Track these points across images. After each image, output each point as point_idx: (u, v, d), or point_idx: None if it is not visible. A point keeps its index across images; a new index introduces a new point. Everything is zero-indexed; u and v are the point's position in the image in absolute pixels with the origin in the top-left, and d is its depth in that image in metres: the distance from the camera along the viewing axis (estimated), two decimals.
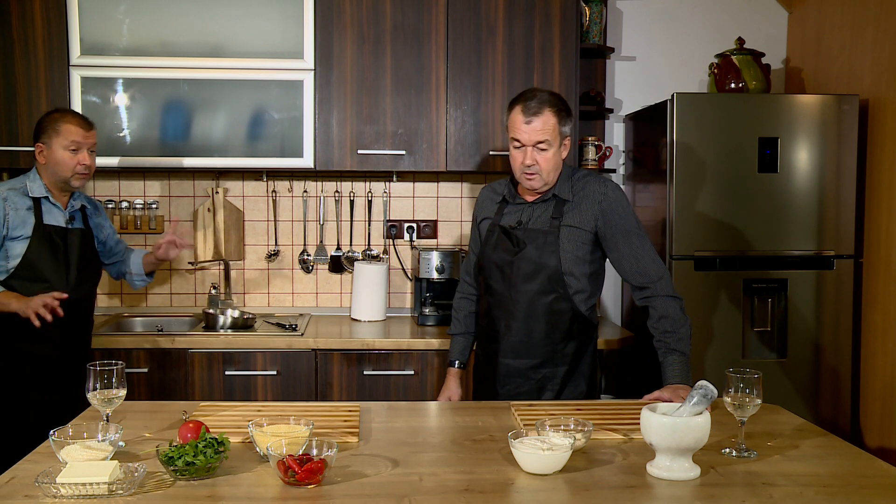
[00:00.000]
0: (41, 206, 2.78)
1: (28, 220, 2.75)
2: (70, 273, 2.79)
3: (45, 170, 2.78)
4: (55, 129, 2.74)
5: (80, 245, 2.84)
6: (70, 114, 2.81)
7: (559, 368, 2.46)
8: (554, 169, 2.40)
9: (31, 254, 2.73)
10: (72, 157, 2.75)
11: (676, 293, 2.38)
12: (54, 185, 2.79)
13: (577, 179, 2.46)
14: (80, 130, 2.76)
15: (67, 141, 2.74)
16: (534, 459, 1.68)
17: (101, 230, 3.02)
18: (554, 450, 1.69)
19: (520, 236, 2.44)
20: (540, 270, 2.41)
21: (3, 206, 2.73)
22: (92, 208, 2.99)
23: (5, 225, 2.72)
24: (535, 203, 2.46)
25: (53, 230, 2.78)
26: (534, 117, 2.35)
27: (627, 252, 2.40)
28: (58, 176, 2.76)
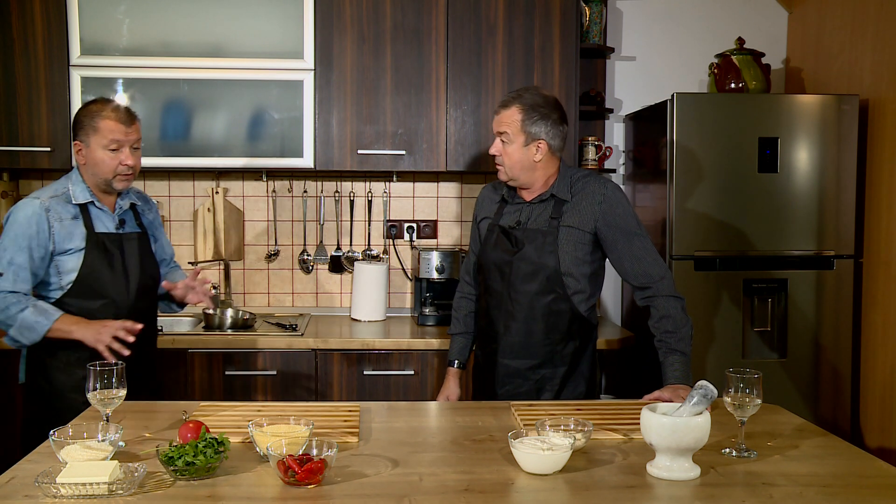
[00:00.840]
0: (89, 213, 2.48)
1: (76, 230, 2.45)
2: (130, 285, 2.50)
3: (85, 171, 2.50)
4: (93, 126, 2.43)
5: (138, 250, 2.55)
6: (109, 107, 2.47)
7: (558, 369, 2.46)
8: (519, 166, 2.40)
9: (87, 268, 2.44)
10: (112, 156, 2.44)
11: (678, 293, 2.38)
12: (97, 187, 2.50)
13: (577, 180, 2.46)
14: (120, 127, 2.44)
15: (107, 139, 2.43)
16: (534, 459, 1.68)
17: (153, 228, 2.71)
18: (554, 450, 1.69)
19: (519, 236, 2.44)
20: (539, 271, 2.41)
21: (47, 219, 2.42)
22: (143, 203, 2.69)
23: (51, 239, 2.42)
24: (534, 203, 2.46)
25: (107, 238, 2.48)
26: (501, 108, 2.43)
27: (628, 252, 2.40)
28: (99, 178, 2.47)
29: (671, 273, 2.45)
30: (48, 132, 3.32)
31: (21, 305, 2.37)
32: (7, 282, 2.39)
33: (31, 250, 2.40)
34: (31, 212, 2.41)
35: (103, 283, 2.45)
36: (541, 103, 2.39)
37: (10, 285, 2.39)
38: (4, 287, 2.39)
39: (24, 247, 2.39)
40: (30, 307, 2.37)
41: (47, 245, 2.42)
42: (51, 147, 3.32)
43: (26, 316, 2.36)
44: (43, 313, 2.36)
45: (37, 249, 2.40)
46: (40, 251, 2.41)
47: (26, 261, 2.39)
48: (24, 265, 2.39)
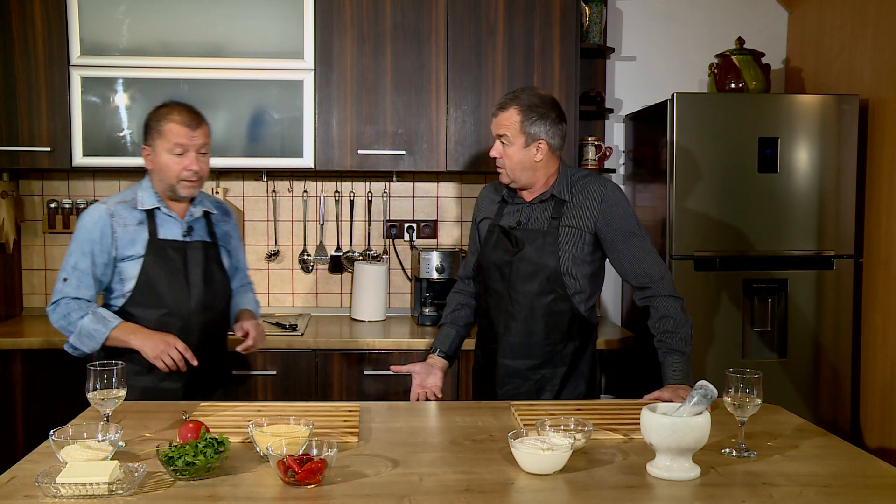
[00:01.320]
0: (154, 219, 2.42)
1: (139, 236, 2.39)
2: (192, 295, 2.42)
3: (153, 176, 2.43)
4: (158, 130, 2.37)
5: (203, 260, 2.45)
6: (176, 109, 2.40)
7: (558, 369, 2.45)
8: (520, 168, 2.40)
9: (145, 275, 2.38)
10: (177, 161, 2.36)
11: (677, 293, 2.38)
12: (165, 193, 2.43)
13: (577, 180, 2.45)
14: (184, 130, 2.36)
15: (171, 144, 2.36)
16: (534, 459, 1.68)
17: (228, 240, 2.60)
18: (554, 450, 1.69)
19: (519, 237, 2.44)
20: (539, 271, 2.40)
21: (111, 224, 2.38)
22: (220, 213, 2.59)
23: (114, 245, 2.38)
24: (534, 203, 2.46)
25: (170, 245, 2.41)
26: (499, 111, 2.42)
27: (628, 253, 2.40)
28: (164, 183, 2.40)
29: (670, 273, 2.45)
30: (48, 132, 3.32)
31: (81, 312, 2.34)
32: (70, 287, 2.37)
33: (93, 256, 2.36)
34: (96, 217, 2.38)
35: (162, 292, 2.38)
36: (538, 103, 2.38)
37: (73, 291, 2.36)
38: (67, 293, 2.37)
39: (88, 252, 2.36)
40: (89, 314, 2.33)
41: (110, 251, 2.37)
42: (51, 147, 3.32)
43: (85, 323, 2.32)
44: (101, 321, 2.32)
45: (99, 255, 2.37)
46: (103, 257, 2.37)
47: (89, 266, 2.36)
48: (87, 271, 2.36)
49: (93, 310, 2.34)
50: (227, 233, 2.59)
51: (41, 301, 3.72)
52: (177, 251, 2.41)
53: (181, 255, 2.41)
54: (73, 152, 3.33)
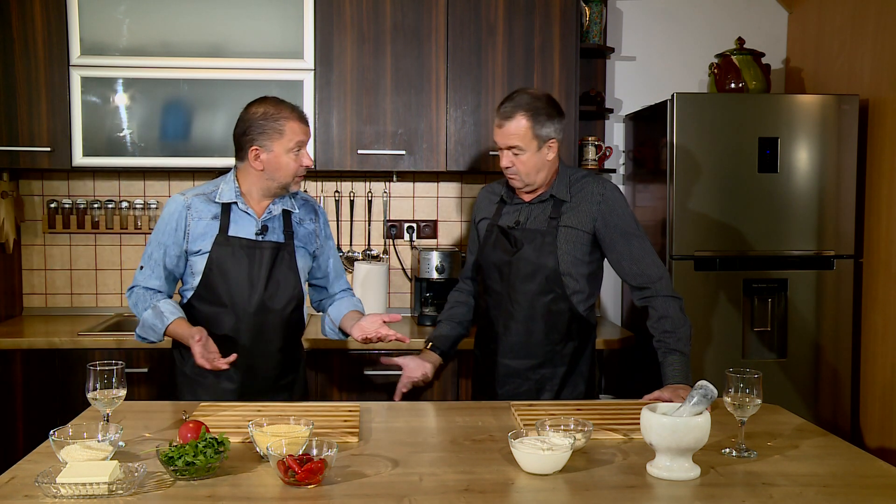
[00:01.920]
0: (229, 214, 2.35)
1: (211, 230, 2.34)
2: (253, 295, 2.34)
3: (255, 175, 2.34)
4: (278, 130, 2.29)
5: (272, 260, 2.36)
6: (288, 107, 2.33)
7: (558, 369, 2.46)
8: (535, 170, 2.39)
9: (209, 271, 2.33)
10: (295, 159, 2.32)
11: (676, 293, 2.38)
12: (263, 190, 2.37)
13: (576, 180, 2.46)
14: (303, 128, 2.33)
15: (293, 143, 2.30)
16: (534, 459, 1.68)
17: (311, 240, 2.48)
18: (554, 450, 1.69)
19: (518, 236, 2.44)
20: (538, 271, 2.40)
21: (186, 216, 2.34)
22: (303, 212, 2.47)
23: (186, 237, 2.34)
24: (533, 203, 2.46)
25: (239, 243, 2.34)
26: (505, 121, 2.37)
27: (627, 253, 2.40)
28: (277, 182, 2.34)
29: (669, 274, 2.45)
30: (48, 132, 3.32)
31: (146, 304, 2.34)
32: (143, 276, 2.38)
33: (166, 247, 2.36)
34: (173, 208, 2.37)
35: (223, 290, 2.33)
36: (542, 105, 2.38)
37: (144, 280, 2.38)
38: (140, 281, 2.38)
39: (162, 243, 2.36)
40: (151, 307, 2.32)
41: (182, 243, 2.35)
42: (51, 147, 3.32)
43: (146, 316, 2.32)
44: (159, 316, 2.30)
45: (172, 247, 2.36)
46: (176, 249, 2.36)
47: (161, 257, 2.36)
48: (160, 261, 2.37)
49: (155, 302, 2.33)
50: (311, 233, 2.49)
51: (41, 301, 3.72)
52: (244, 250, 2.34)
53: (249, 254, 2.34)
54: (73, 152, 3.33)
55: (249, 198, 2.38)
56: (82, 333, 3.18)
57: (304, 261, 2.46)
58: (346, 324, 2.45)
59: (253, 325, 2.36)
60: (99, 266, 3.73)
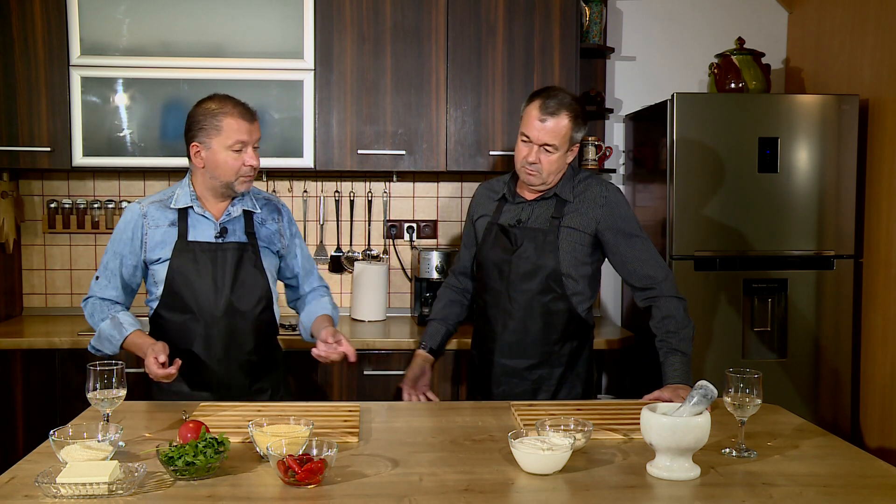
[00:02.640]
0: (186, 219, 2.31)
1: (169, 238, 2.29)
2: (219, 299, 2.29)
3: (201, 174, 2.30)
4: (215, 126, 2.24)
5: (236, 263, 2.31)
6: (230, 103, 2.28)
7: (555, 370, 2.45)
8: (556, 171, 2.39)
9: (171, 279, 2.28)
10: (236, 158, 2.25)
11: (680, 294, 2.39)
12: (212, 191, 2.32)
13: (579, 181, 2.45)
14: (244, 125, 2.26)
15: (231, 140, 2.24)
16: (534, 459, 1.68)
17: (275, 240, 2.42)
18: (554, 450, 1.69)
19: (518, 235, 2.43)
20: (538, 270, 2.40)
21: (142, 225, 2.30)
22: (265, 212, 2.42)
23: (143, 247, 2.30)
24: (536, 202, 2.46)
25: (199, 247, 2.29)
26: (549, 117, 2.32)
27: (630, 255, 2.40)
28: (219, 181, 2.28)
29: (672, 274, 2.46)
30: (48, 132, 3.32)
31: (103, 315, 2.29)
32: (100, 287, 2.33)
33: (122, 257, 2.31)
34: (129, 217, 2.32)
35: (189, 296, 2.28)
36: (580, 108, 2.37)
37: (100, 291, 2.33)
38: (96, 292, 2.33)
39: (118, 253, 2.32)
40: (108, 318, 2.28)
41: (139, 253, 2.30)
42: (51, 147, 3.32)
43: (103, 328, 2.27)
44: (117, 327, 2.26)
45: (129, 257, 2.31)
46: (132, 258, 2.31)
47: (118, 267, 2.32)
48: (116, 272, 2.32)
49: (113, 314, 2.29)
50: (275, 232, 2.42)
51: (41, 301, 3.72)
52: (206, 253, 2.29)
53: (211, 258, 2.29)
54: (73, 152, 3.33)
55: (205, 201, 2.33)
56: (82, 333, 3.18)
57: (270, 260, 2.40)
58: (317, 332, 2.36)
59: (223, 330, 2.31)
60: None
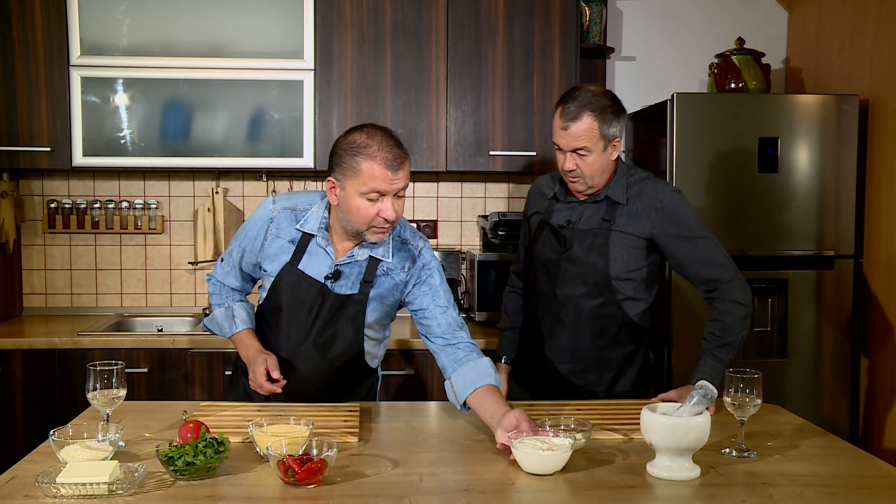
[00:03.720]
0: (307, 245, 2.13)
1: (283, 255, 2.14)
2: (307, 340, 2.16)
3: (335, 209, 2.09)
4: (353, 167, 1.97)
5: (333, 313, 2.13)
6: (377, 143, 1.98)
7: (604, 375, 2.37)
8: (599, 172, 2.28)
9: (270, 297, 2.18)
10: (370, 206, 1.99)
11: (744, 300, 2.27)
12: (342, 228, 2.09)
13: (633, 182, 2.33)
14: (386, 174, 1.96)
15: (367, 188, 1.97)
16: (534, 460, 1.68)
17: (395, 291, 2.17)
18: (554, 450, 1.69)
19: (568, 236, 2.34)
20: (587, 273, 2.31)
21: (267, 229, 2.16)
22: (395, 260, 2.14)
23: (262, 251, 2.18)
24: (587, 203, 2.36)
25: (305, 281, 2.12)
26: (571, 123, 2.22)
27: (691, 257, 2.28)
28: (350, 225, 2.05)
29: (740, 275, 2.31)
30: (48, 132, 3.32)
31: (221, 300, 2.30)
32: (222, 271, 2.30)
33: (244, 253, 2.23)
34: (260, 215, 2.20)
35: (280, 321, 2.18)
36: (606, 101, 2.26)
37: (220, 276, 2.30)
38: (216, 275, 2.32)
39: (242, 246, 2.24)
40: (225, 307, 2.28)
41: (257, 255, 2.20)
42: (51, 147, 3.32)
43: (218, 314, 2.28)
44: (230, 320, 2.24)
45: (249, 255, 2.23)
46: (251, 257, 2.22)
47: (237, 260, 2.25)
48: (236, 263, 2.26)
49: (231, 303, 2.28)
50: (398, 284, 2.16)
51: (41, 301, 3.72)
52: (309, 289, 2.12)
53: (311, 298, 2.13)
54: (73, 152, 3.33)
55: (334, 233, 2.13)
56: (82, 333, 3.18)
57: (377, 313, 2.18)
58: (480, 409, 1.97)
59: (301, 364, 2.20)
60: (99, 266, 3.73)
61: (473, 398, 1.99)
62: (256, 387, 2.10)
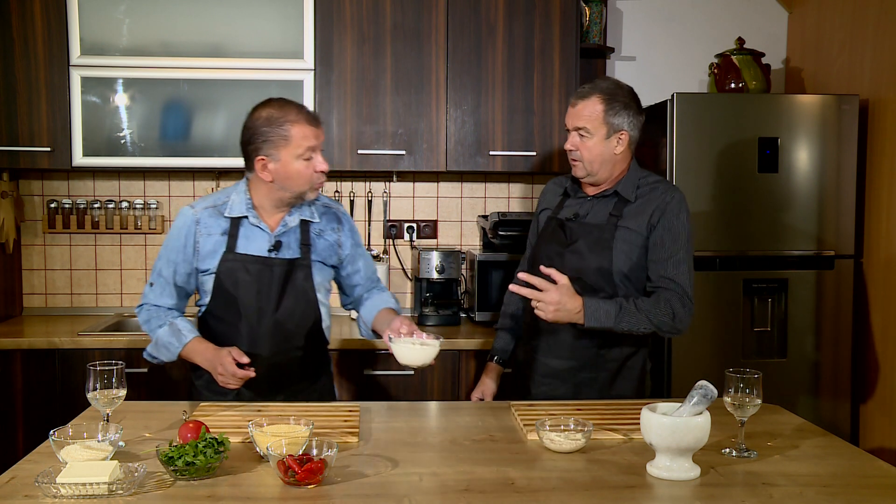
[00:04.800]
0: (238, 229, 2.21)
1: (219, 248, 2.20)
2: (264, 318, 2.21)
3: (266, 187, 2.19)
4: (283, 136, 2.12)
5: (283, 279, 2.21)
6: (293, 109, 2.15)
7: (600, 374, 2.35)
8: (599, 160, 2.30)
9: (217, 292, 2.20)
10: (307, 166, 2.14)
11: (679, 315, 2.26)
12: (275, 201, 2.21)
13: (646, 183, 2.35)
14: (313, 130, 2.14)
15: (302, 148, 2.12)
16: (407, 351, 2.04)
17: (332, 253, 2.32)
18: (425, 346, 2.05)
19: (573, 229, 2.35)
20: (590, 266, 2.31)
21: (195, 232, 2.21)
22: (324, 221, 2.31)
23: (196, 255, 2.21)
24: (596, 198, 2.37)
25: (246, 261, 2.19)
26: (579, 100, 2.31)
27: (663, 255, 2.29)
28: (290, 191, 2.18)
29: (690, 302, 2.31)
30: (48, 132, 3.32)
31: (160, 321, 2.24)
32: (154, 294, 2.27)
33: (176, 265, 2.24)
34: (181, 223, 2.24)
35: (234, 310, 2.21)
36: (620, 93, 2.30)
37: (155, 298, 2.27)
38: (150, 299, 2.28)
39: (172, 260, 2.25)
40: (167, 325, 2.23)
41: (192, 261, 2.22)
42: (51, 147, 3.32)
43: (161, 335, 2.22)
44: (176, 334, 2.20)
45: (182, 265, 2.24)
46: (185, 267, 2.24)
47: (171, 276, 2.25)
48: (170, 280, 2.26)
49: (171, 320, 2.24)
50: (332, 244, 2.32)
51: (41, 301, 3.72)
52: (253, 267, 2.19)
53: (258, 273, 2.19)
54: (73, 152, 3.33)
55: (262, 210, 2.23)
56: (82, 333, 3.18)
57: (322, 275, 2.31)
58: (379, 326, 2.30)
59: (266, 345, 2.24)
60: (99, 266, 3.73)
61: (375, 320, 2.34)
62: (228, 379, 2.09)
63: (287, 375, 2.30)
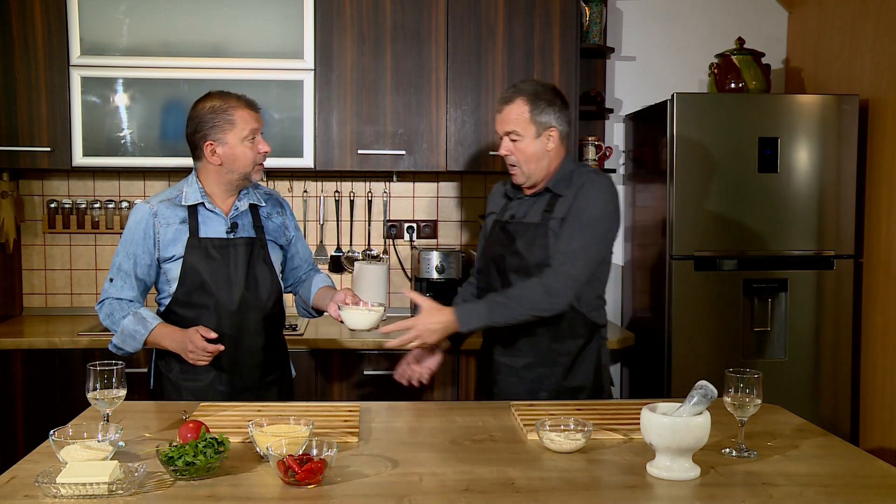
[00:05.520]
0: (197, 216, 2.36)
1: (181, 235, 2.34)
2: (233, 294, 2.35)
3: (214, 171, 2.36)
4: (229, 120, 2.31)
5: (247, 257, 2.38)
6: (233, 97, 2.36)
7: (555, 368, 2.40)
8: (535, 160, 2.35)
9: (185, 275, 2.33)
10: (251, 147, 2.33)
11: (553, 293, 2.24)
12: (225, 185, 2.38)
13: (577, 176, 2.38)
14: (253, 115, 2.35)
15: (246, 131, 2.32)
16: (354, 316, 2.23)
17: (281, 233, 2.51)
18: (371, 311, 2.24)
19: (511, 230, 2.41)
20: (529, 265, 2.36)
21: (153, 224, 2.34)
22: (269, 206, 2.50)
23: (157, 246, 2.34)
24: (533, 197, 2.43)
25: (210, 244, 2.35)
26: (503, 106, 2.36)
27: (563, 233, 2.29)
28: (237, 173, 2.35)
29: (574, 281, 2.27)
30: (48, 132, 3.32)
31: (123, 312, 2.33)
32: (115, 288, 2.36)
33: (136, 257, 2.34)
34: (139, 216, 2.35)
35: (203, 292, 2.34)
36: (543, 91, 2.35)
37: (116, 292, 2.35)
38: (111, 293, 2.36)
39: (131, 253, 2.35)
40: (130, 315, 2.31)
41: (152, 252, 2.35)
42: (51, 147, 3.32)
43: (126, 324, 2.31)
44: (141, 322, 2.30)
45: (142, 256, 2.35)
46: (146, 258, 2.35)
47: (132, 268, 2.35)
48: (130, 272, 2.35)
49: (134, 310, 2.33)
50: (280, 226, 2.51)
51: (41, 301, 3.72)
52: (218, 249, 2.35)
53: (223, 254, 2.35)
54: (73, 152, 3.33)
55: (214, 197, 2.39)
56: (82, 333, 3.18)
57: (276, 254, 2.49)
58: (320, 302, 2.50)
59: (236, 324, 2.36)
60: (99, 266, 3.73)
61: (315, 297, 2.53)
62: (199, 355, 2.21)
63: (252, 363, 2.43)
